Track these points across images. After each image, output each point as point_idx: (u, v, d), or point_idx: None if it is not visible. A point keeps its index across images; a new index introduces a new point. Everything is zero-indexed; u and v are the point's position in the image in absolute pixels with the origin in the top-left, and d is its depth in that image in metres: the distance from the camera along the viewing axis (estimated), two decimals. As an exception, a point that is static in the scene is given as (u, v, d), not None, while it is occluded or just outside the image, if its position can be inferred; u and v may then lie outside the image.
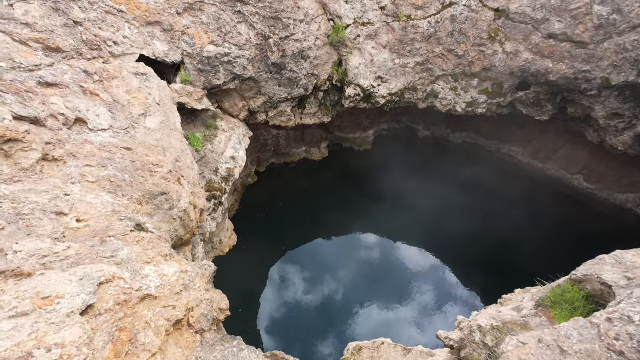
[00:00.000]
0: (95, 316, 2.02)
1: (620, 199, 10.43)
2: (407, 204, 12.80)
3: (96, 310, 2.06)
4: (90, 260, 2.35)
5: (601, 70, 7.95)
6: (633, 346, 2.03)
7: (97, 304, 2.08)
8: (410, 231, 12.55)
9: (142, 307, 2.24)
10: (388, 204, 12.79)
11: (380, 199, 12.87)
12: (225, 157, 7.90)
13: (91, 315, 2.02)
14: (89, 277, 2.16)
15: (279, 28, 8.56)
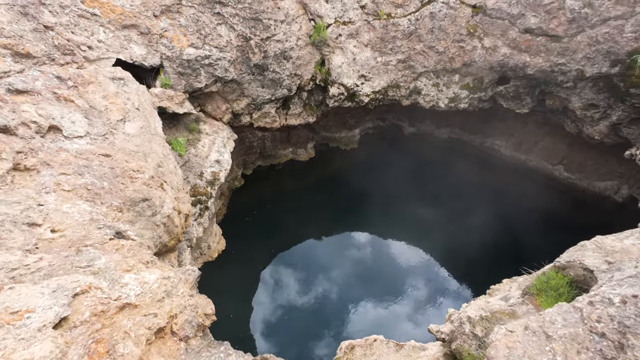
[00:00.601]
0: (70, 329, 1.93)
1: (599, 186, 10.76)
2: (395, 201, 12.90)
3: (70, 322, 1.97)
4: (65, 271, 2.25)
5: (575, 62, 8.18)
6: (614, 327, 2.07)
7: (71, 316, 1.99)
8: (400, 228, 12.65)
9: (121, 316, 2.15)
10: (376, 202, 12.86)
11: (368, 198, 12.92)
12: (210, 160, 7.78)
13: (65, 328, 1.93)
14: (62, 289, 2.06)
15: (259, 29, 8.49)
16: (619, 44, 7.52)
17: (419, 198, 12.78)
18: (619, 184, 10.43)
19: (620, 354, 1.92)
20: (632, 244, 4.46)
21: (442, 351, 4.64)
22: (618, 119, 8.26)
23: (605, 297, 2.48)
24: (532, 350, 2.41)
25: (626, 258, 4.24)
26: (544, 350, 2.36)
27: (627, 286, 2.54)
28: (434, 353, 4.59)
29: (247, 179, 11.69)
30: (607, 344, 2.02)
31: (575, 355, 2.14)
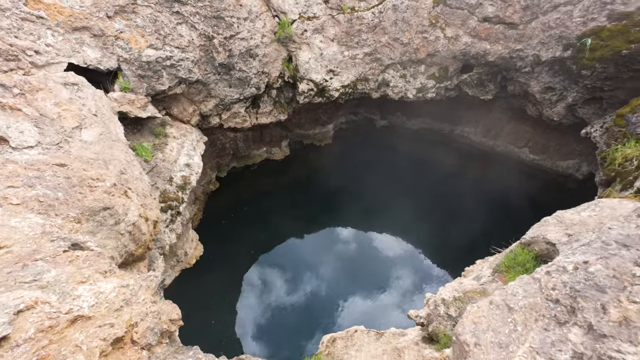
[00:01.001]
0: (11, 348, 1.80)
1: (562, 165, 11.31)
2: (372, 194, 13.05)
3: (12, 341, 1.83)
4: (6, 287, 2.09)
5: (532, 48, 8.54)
6: (566, 293, 2.16)
7: (12, 334, 1.85)
8: (378, 220, 12.82)
9: (72, 330, 2.03)
10: (354, 196, 12.96)
11: (345, 193, 13.01)
12: (179, 165, 7.55)
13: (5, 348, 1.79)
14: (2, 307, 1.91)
15: (222, 27, 8.30)
16: (569, 28, 7.91)
17: (395, 189, 12.99)
18: (580, 162, 11.01)
19: (572, 317, 2.00)
20: (589, 215, 4.71)
21: (420, 335, 4.73)
22: (573, 100, 8.70)
23: (560, 265, 2.59)
24: (495, 323, 2.49)
25: (584, 229, 4.47)
26: (506, 322, 2.44)
27: (579, 254, 2.66)
28: (413, 337, 4.67)
29: (222, 181, 11.46)
30: (560, 309, 2.11)
31: (534, 323, 2.23)
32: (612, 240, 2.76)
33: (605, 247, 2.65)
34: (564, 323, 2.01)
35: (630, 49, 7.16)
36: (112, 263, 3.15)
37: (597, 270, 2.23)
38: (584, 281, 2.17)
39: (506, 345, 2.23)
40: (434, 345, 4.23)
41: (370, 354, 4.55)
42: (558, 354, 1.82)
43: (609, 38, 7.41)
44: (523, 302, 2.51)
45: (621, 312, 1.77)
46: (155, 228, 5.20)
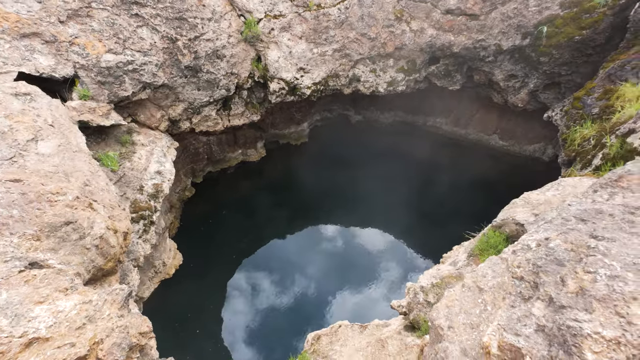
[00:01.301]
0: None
1: (529, 149, 11.81)
2: (351, 189, 13.14)
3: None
4: (-52, 314, 1.93)
5: (493, 37, 8.84)
6: (529, 269, 2.23)
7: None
8: (360, 214, 12.92)
9: (27, 354, 1.90)
10: (333, 192, 13.00)
11: (324, 189, 13.02)
12: (150, 172, 7.29)
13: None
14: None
15: (185, 29, 8.06)
16: (526, 17, 8.24)
17: (373, 183, 13.13)
18: (545, 145, 11.53)
19: (535, 292, 2.07)
20: (553, 194, 4.92)
21: (403, 324, 4.80)
22: (535, 86, 9.08)
23: (525, 244, 2.68)
24: (467, 305, 2.55)
25: (548, 208, 4.67)
26: (477, 303, 2.50)
27: (542, 231, 2.75)
28: (396, 327, 4.74)
29: (198, 187, 11.18)
30: (525, 285, 2.18)
31: (502, 301, 2.29)
32: (571, 216, 2.88)
33: (565, 223, 2.77)
34: (529, 298, 2.08)
35: (582, 35, 7.55)
36: (75, 280, 2.98)
37: (556, 245, 2.32)
38: (545, 257, 2.25)
39: (477, 325, 2.28)
40: (416, 332, 4.31)
41: (355, 347, 4.57)
42: (523, 329, 1.88)
43: (562, 25, 7.78)
44: (492, 282, 2.58)
45: (577, 282, 1.85)
46: (125, 240, 4.99)
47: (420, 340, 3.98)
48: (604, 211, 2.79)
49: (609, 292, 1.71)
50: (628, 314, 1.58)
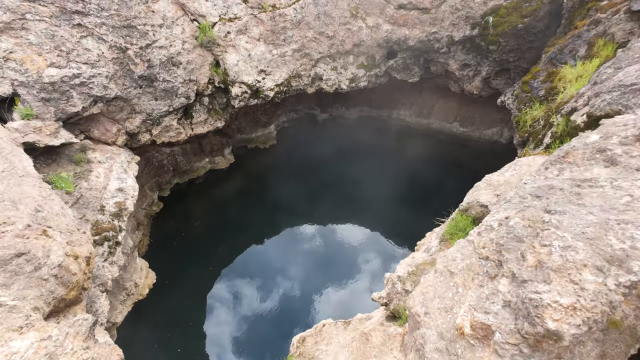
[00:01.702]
0: None
1: (488, 134, 12.45)
2: (324, 186, 13.19)
3: None
4: None
5: (445, 29, 9.20)
6: (493, 248, 2.34)
7: None
8: (335, 210, 13.01)
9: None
10: (306, 191, 12.99)
11: (297, 189, 12.98)
12: (110, 191, 6.89)
13: None
14: None
15: (135, 37, 7.69)
16: (473, 8, 8.65)
17: (345, 179, 13.27)
18: (502, 129, 12.20)
19: (500, 270, 2.18)
20: (511, 175, 5.21)
21: (385, 315, 4.88)
22: (487, 73, 9.58)
23: (488, 225, 2.80)
24: (440, 290, 2.63)
25: (508, 188, 4.94)
26: (449, 287, 2.59)
27: (502, 211, 2.89)
28: (378, 318, 4.81)
29: (166, 200, 10.73)
30: (490, 264, 2.29)
31: (471, 282, 2.39)
32: (527, 194, 3.06)
33: (522, 201, 2.94)
34: (494, 277, 2.19)
35: (524, 23, 8.05)
36: (32, 315, 2.74)
37: (515, 223, 2.46)
38: (506, 235, 2.37)
39: (451, 308, 2.37)
40: (397, 321, 4.40)
41: (340, 344, 4.59)
42: (491, 306, 1.97)
43: (506, 15, 8.25)
44: (461, 264, 2.68)
45: (535, 256, 1.97)
46: (89, 265, 4.68)
47: (402, 328, 4.07)
48: (555, 186, 2.99)
49: (563, 262, 1.83)
50: (580, 281, 1.70)
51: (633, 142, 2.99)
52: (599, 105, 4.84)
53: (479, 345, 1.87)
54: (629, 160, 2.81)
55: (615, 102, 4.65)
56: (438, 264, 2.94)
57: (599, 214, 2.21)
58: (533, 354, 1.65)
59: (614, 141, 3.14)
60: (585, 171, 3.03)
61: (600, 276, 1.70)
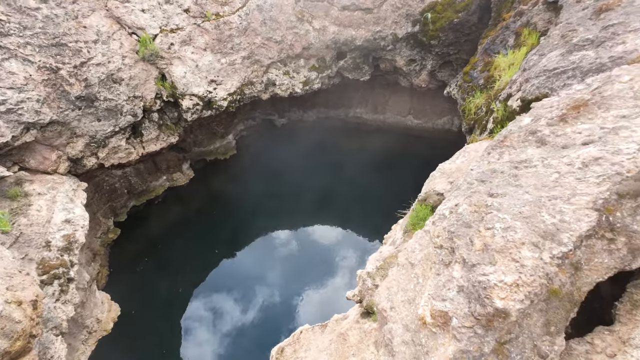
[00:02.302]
0: None
1: (440, 123, 13.09)
2: (289, 190, 13.13)
3: None
4: None
5: (388, 27, 9.54)
6: (446, 236, 2.45)
7: None
8: (303, 214, 12.99)
9: None
10: (272, 198, 12.84)
11: (263, 197, 12.80)
12: (55, 224, 6.33)
13: None
14: None
15: (67, 55, 7.15)
16: (412, 6, 9.06)
17: (309, 181, 13.29)
18: (452, 118, 12.89)
19: (453, 257, 2.29)
20: (461, 162, 5.51)
21: (359, 312, 4.94)
22: (432, 67, 10.07)
23: (441, 213, 2.93)
24: (403, 282, 2.71)
25: (460, 175, 5.21)
26: (411, 278, 2.67)
27: (453, 198, 3.03)
28: (354, 317, 4.86)
29: (123, 226, 10.07)
30: (445, 252, 2.39)
31: (429, 271, 2.48)
32: (474, 179, 3.24)
33: (470, 187, 3.11)
34: (449, 264, 2.29)
35: (459, 18, 8.57)
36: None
37: (464, 210, 2.59)
38: (456, 222, 2.49)
39: (413, 300, 2.45)
40: (372, 317, 4.47)
41: (319, 348, 4.58)
42: (448, 293, 2.07)
43: (442, 10, 8.73)
44: (420, 255, 2.78)
45: (482, 240, 2.09)
46: (36, 309, 4.26)
47: (376, 323, 4.15)
48: (496, 170, 3.19)
49: (505, 243, 1.96)
50: (520, 258, 1.83)
51: (557, 122, 3.28)
52: (529, 90, 5.27)
53: (440, 332, 1.95)
54: (556, 140, 3.08)
55: (543, 85, 5.08)
56: (400, 257, 3.02)
57: (533, 193, 2.40)
58: (487, 334, 1.75)
59: (542, 123, 3.42)
60: (521, 153, 3.27)
61: (537, 252, 1.84)
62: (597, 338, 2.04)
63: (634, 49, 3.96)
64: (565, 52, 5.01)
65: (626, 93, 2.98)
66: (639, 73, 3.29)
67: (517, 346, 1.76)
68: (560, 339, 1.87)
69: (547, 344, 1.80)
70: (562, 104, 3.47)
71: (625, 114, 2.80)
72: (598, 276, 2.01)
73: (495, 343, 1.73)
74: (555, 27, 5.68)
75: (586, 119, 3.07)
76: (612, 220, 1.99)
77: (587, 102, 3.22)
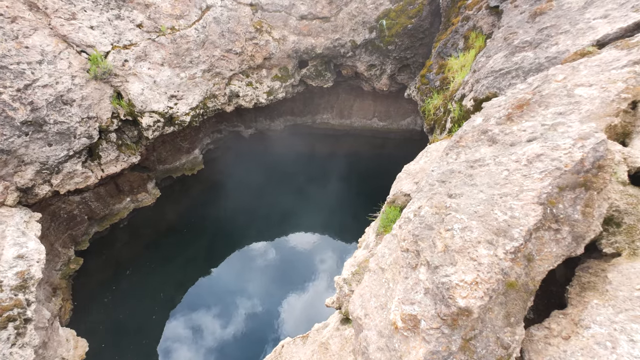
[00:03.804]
0: None
1: (404, 124, 13.55)
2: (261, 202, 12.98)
3: None
4: None
5: (347, 35, 9.78)
6: (412, 240, 2.54)
7: None
8: (277, 224, 12.87)
9: None
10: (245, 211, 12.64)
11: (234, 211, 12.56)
12: (6, 261, 5.83)
13: None
14: None
15: (9, 78, 6.67)
16: (367, 14, 9.35)
17: (281, 190, 13.23)
18: (414, 118, 13.38)
19: (418, 259, 2.37)
20: (425, 162, 5.73)
21: (339, 318, 4.96)
22: (391, 71, 10.42)
23: (406, 216, 3.02)
24: (375, 288, 2.76)
25: (424, 175, 5.41)
26: (382, 283, 2.73)
27: (416, 200, 3.13)
28: (334, 324, 4.87)
29: (86, 254, 9.46)
30: (411, 256, 2.47)
31: (398, 275, 2.55)
32: (435, 180, 3.38)
33: (431, 188, 3.23)
34: (415, 267, 2.37)
35: (412, 23, 8.95)
36: None
37: (426, 212, 2.69)
38: (420, 225, 2.59)
39: (385, 305, 2.50)
40: (350, 323, 4.50)
41: (301, 361, 4.54)
42: (415, 296, 2.14)
43: (396, 17, 9.08)
44: (389, 259, 2.85)
45: (442, 241, 2.19)
46: (-12, 359, 3.88)
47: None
48: (454, 170, 3.35)
49: (463, 243, 2.06)
50: (477, 257, 1.94)
51: (505, 121, 3.51)
52: (480, 90, 5.60)
53: (411, 336, 2.00)
54: (505, 138, 3.29)
55: (491, 85, 5.42)
56: (371, 263, 3.08)
57: (487, 191, 2.54)
58: (453, 332, 1.82)
59: (492, 122, 3.64)
60: (475, 152, 3.46)
61: (492, 249, 1.96)
62: (554, 322, 2.19)
63: (566, 49, 4.34)
64: (508, 53, 5.39)
65: (561, 91, 3.25)
66: (571, 72, 3.60)
67: (481, 341, 1.84)
68: (520, 328, 1.98)
69: (508, 335, 1.91)
70: (507, 104, 3.72)
71: (561, 111, 3.05)
72: (549, 264, 2.17)
73: (461, 341, 1.81)
74: (498, 30, 6.10)
75: (529, 117, 3.32)
76: (556, 212, 2.16)
77: (529, 101, 3.48)
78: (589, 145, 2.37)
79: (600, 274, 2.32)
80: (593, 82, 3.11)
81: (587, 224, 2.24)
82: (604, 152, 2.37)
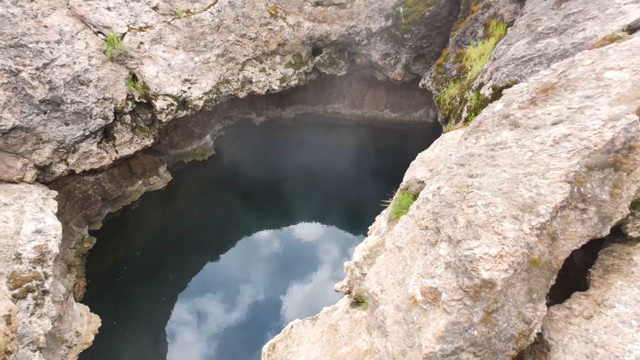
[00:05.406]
0: None
1: (417, 116, 13.39)
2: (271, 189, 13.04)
3: None
4: None
5: (362, 22, 9.64)
6: (431, 217, 2.53)
7: None
8: (287, 211, 12.94)
9: None
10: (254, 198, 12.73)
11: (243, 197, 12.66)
12: (25, 235, 5.99)
13: None
14: None
15: (28, 57, 6.76)
16: (384, 1, 9.19)
17: (291, 178, 13.26)
18: (427, 110, 13.22)
19: (439, 236, 2.36)
20: (439, 150, 5.67)
21: (349, 302, 5.00)
22: (406, 60, 10.27)
23: (424, 197, 3.01)
24: (392, 266, 2.77)
25: (439, 162, 5.37)
26: (399, 261, 2.73)
27: (435, 183, 3.12)
28: (343, 307, 4.91)
29: (99, 234, 9.66)
30: (430, 233, 2.47)
31: (417, 253, 2.55)
32: (453, 164, 3.35)
33: (450, 171, 3.21)
34: (435, 243, 2.36)
35: (430, 11, 8.77)
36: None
37: (446, 192, 2.68)
38: (440, 203, 2.57)
39: (402, 281, 2.51)
40: (361, 305, 4.54)
41: (311, 341, 4.60)
42: (436, 270, 2.13)
43: (414, 4, 8.91)
44: (406, 238, 2.85)
45: (465, 217, 2.17)
46: (10, 324, 4.02)
47: (366, 311, 4.21)
48: (474, 153, 3.31)
49: (487, 218, 2.05)
50: (502, 231, 1.92)
51: (528, 105, 3.44)
52: (500, 78, 5.49)
53: (430, 308, 2.01)
54: (527, 122, 3.23)
55: (512, 73, 5.31)
56: (387, 243, 3.08)
57: (510, 171, 2.51)
58: (475, 304, 1.82)
59: (514, 107, 3.57)
60: (496, 136, 3.41)
61: (517, 223, 1.94)
62: (575, 303, 2.17)
63: (594, 35, 4.21)
64: (531, 40, 5.25)
65: (589, 75, 3.17)
66: (599, 57, 3.50)
67: (503, 314, 1.84)
68: (542, 305, 1.97)
69: (530, 310, 1.90)
70: (531, 89, 3.64)
71: (589, 94, 2.97)
72: (573, 245, 2.14)
73: (483, 313, 1.81)
74: (521, 17, 5.94)
75: (554, 100, 3.24)
76: (583, 191, 2.12)
77: (554, 85, 3.39)
78: (620, 126, 2.31)
79: (625, 257, 2.28)
80: (624, 66, 3.02)
81: (614, 205, 2.20)
82: (635, 133, 2.31)
